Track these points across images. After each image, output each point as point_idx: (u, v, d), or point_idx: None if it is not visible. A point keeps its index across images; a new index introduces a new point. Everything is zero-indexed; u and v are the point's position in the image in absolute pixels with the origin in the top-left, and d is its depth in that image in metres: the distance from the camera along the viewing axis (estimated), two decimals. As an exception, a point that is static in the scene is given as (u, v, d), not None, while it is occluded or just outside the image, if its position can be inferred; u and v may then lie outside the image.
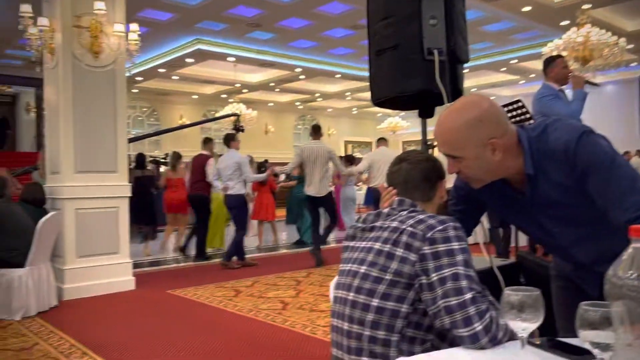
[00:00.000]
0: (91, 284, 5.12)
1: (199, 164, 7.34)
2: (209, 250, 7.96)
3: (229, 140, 6.97)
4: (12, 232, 4.35)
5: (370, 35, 2.84)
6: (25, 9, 5.12)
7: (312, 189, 6.59)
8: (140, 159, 8.36)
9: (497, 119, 1.38)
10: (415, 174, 1.56)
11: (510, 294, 1.04)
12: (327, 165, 6.63)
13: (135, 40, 5.43)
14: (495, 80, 16.33)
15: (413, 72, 2.57)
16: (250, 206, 8.57)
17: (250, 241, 8.70)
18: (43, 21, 5.02)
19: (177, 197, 8.02)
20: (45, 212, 4.85)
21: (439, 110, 2.81)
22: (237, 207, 6.70)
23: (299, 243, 8.92)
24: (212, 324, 4.05)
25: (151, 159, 12.23)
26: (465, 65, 2.84)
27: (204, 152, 7.51)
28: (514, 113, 3.47)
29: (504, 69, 14.81)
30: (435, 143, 1.47)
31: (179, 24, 11.09)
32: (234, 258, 6.72)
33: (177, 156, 8.30)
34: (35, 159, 8.92)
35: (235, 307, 4.54)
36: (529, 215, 1.48)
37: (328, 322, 3.91)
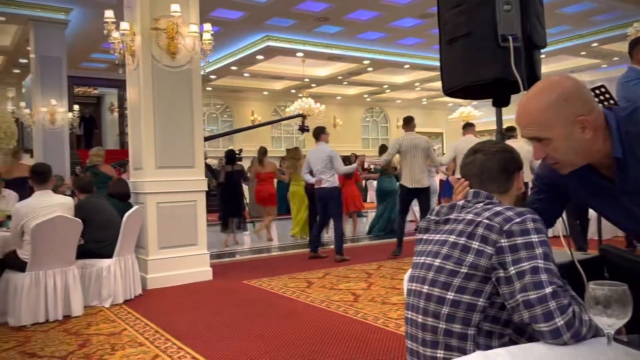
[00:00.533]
0: (171, 274, 5.38)
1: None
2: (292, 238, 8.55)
3: (319, 133, 6.89)
4: (100, 225, 4.66)
5: (441, 24, 2.78)
6: (109, 14, 5.43)
7: (410, 181, 6.52)
8: (230, 155, 8.67)
9: (583, 96, 1.31)
10: (491, 164, 1.52)
11: (595, 288, 1.00)
12: (425, 157, 6.55)
13: (209, 40, 5.62)
14: (575, 64, 15.47)
15: (487, 60, 2.51)
16: None
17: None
18: (124, 25, 5.30)
19: (267, 189, 8.65)
20: (130, 206, 5.16)
21: (515, 98, 2.73)
22: (332, 199, 6.65)
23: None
24: (286, 313, 4.15)
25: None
26: (542, 50, 2.73)
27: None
28: (597, 99, 3.28)
29: (584, 52, 13.99)
30: (518, 128, 1.42)
31: (249, 22, 11.35)
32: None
33: (263, 151, 8.84)
34: (120, 156, 9.52)
35: (307, 298, 4.62)
36: (617, 204, 1.40)
37: (400, 314, 3.90)
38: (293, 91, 18.57)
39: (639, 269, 2.28)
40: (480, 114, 18.31)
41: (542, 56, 2.85)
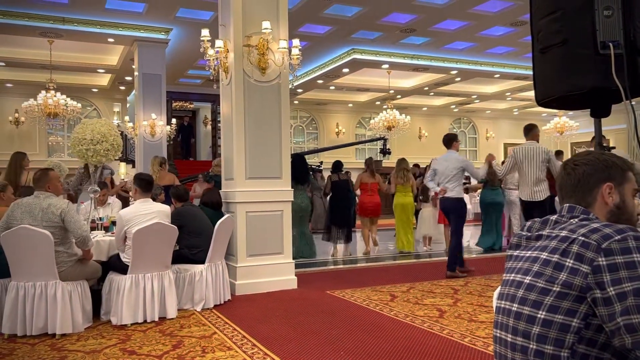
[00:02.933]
0: (258, 281, 5.55)
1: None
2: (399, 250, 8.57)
3: (452, 140, 6.54)
4: (194, 232, 4.92)
5: (534, 32, 2.69)
6: (205, 33, 5.76)
7: (525, 193, 6.17)
8: (337, 165, 8.76)
9: None
10: (569, 179, 1.47)
11: None
12: (543, 168, 6.08)
13: (297, 55, 5.79)
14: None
15: (584, 68, 2.39)
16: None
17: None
18: (219, 43, 5.60)
19: (372, 200, 8.57)
20: (222, 215, 5.40)
21: (615, 108, 2.57)
22: (455, 210, 6.35)
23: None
24: (368, 326, 4.14)
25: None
26: (648, 57, 2.55)
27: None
28: None
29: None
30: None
31: (336, 36, 11.55)
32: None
33: (372, 161, 8.83)
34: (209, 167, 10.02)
35: (391, 312, 4.58)
36: None
37: (488, 333, 3.76)
38: (378, 103, 18.57)
39: None
40: (577, 124, 17.31)
41: (648, 63, 2.66)
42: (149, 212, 4.47)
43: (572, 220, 1.38)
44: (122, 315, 4.27)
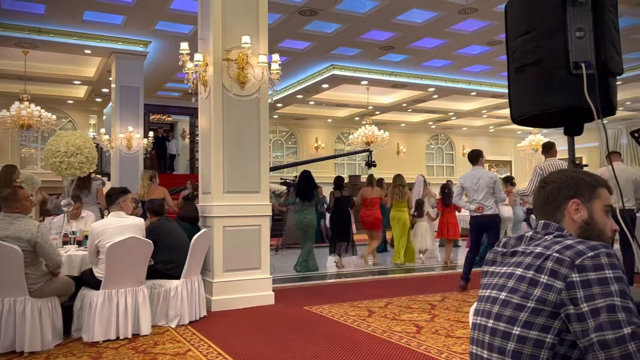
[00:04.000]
0: (235, 297, 5.48)
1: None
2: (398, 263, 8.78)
3: (478, 156, 6.46)
4: (170, 247, 4.85)
5: (510, 51, 2.74)
6: (184, 46, 5.74)
7: None
8: (339, 181, 8.97)
9: None
10: (539, 197, 1.50)
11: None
12: None
13: (277, 69, 5.80)
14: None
15: (558, 88, 2.44)
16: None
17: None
18: (198, 57, 5.58)
19: (373, 214, 8.83)
20: (199, 229, 5.34)
21: (588, 127, 2.63)
22: (493, 226, 6.26)
23: None
24: (346, 342, 4.11)
25: (282, 180, 12.91)
26: (619, 77, 2.62)
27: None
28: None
29: (668, 78, 13.23)
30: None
31: (316, 52, 11.62)
32: None
33: (373, 177, 9.17)
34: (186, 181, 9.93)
35: (368, 327, 4.56)
36: None
37: (465, 349, 3.77)
38: (357, 118, 18.70)
39: None
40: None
41: (619, 83, 2.74)
42: (121, 225, 4.39)
43: (546, 236, 1.40)
44: (93, 332, 4.16)
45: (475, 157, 6.47)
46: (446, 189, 9.50)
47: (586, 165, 6.44)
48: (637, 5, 8.53)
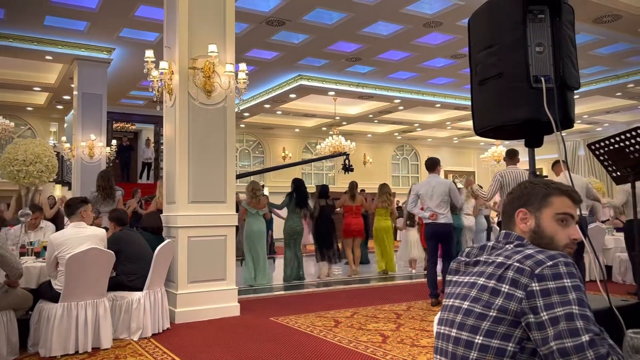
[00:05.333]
0: (199, 308, 5.39)
1: None
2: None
3: (435, 164, 6.46)
4: (133, 258, 4.74)
5: (473, 65, 2.81)
6: (149, 54, 5.66)
7: None
8: (323, 190, 9.10)
9: None
10: (504, 205, 1.56)
11: (634, 337, 0.97)
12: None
13: (244, 79, 5.78)
14: (610, 105, 15.25)
15: (519, 101, 2.51)
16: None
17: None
18: (163, 64, 5.51)
19: (357, 222, 8.97)
20: (162, 240, 5.23)
21: (547, 139, 2.71)
22: (448, 235, 6.21)
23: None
24: (312, 353, 4.09)
25: None
26: (577, 91, 2.71)
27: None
28: (632, 141, 3.22)
29: (619, 93, 13.79)
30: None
31: (283, 62, 11.64)
32: None
33: (356, 185, 9.32)
34: (153, 190, 9.75)
35: (335, 338, 4.55)
36: None
37: (430, 358, 3.80)
38: (324, 129, 18.78)
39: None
40: (513, 153, 18.08)
41: (576, 97, 2.84)
42: (82, 236, 4.26)
43: (507, 246, 1.42)
44: (51, 347, 4.02)
45: (432, 165, 6.46)
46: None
47: (546, 176, 6.63)
48: (593, 22, 8.87)
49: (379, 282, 8.19)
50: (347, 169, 12.49)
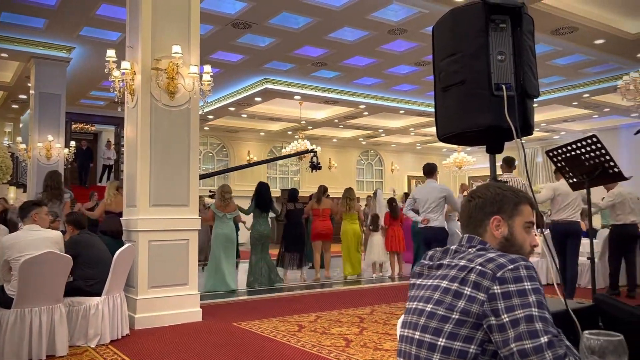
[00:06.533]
0: (160, 314, 5.28)
1: None
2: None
3: (433, 170, 6.59)
4: (91, 262, 4.60)
5: (436, 72, 2.85)
6: (110, 54, 5.53)
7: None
8: (293, 193, 9.19)
9: None
10: (468, 208, 1.55)
11: (590, 338, 0.99)
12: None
13: (208, 81, 5.71)
14: (567, 114, 15.77)
15: (481, 108, 2.55)
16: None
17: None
18: (125, 65, 5.39)
19: (324, 225, 8.99)
20: (122, 244, 5.11)
21: (508, 145, 2.77)
22: (439, 240, 6.27)
23: None
24: (275, 358, 4.06)
25: (210, 193, 12.57)
26: (535, 99, 2.79)
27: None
28: (587, 149, 3.33)
29: (576, 103, 14.28)
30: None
31: (249, 65, 11.57)
32: None
33: (324, 189, 9.40)
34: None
35: (298, 342, 4.53)
36: None
37: (393, 361, 3.82)
38: (289, 132, 18.75)
39: (634, 320, 2.27)
40: (474, 159, 18.51)
41: (535, 105, 2.92)
42: (35, 238, 4.12)
43: (470, 249, 1.44)
44: (2, 354, 3.86)
45: (430, 170, 6.60)
46: (394, 203, 9.81)
47: (507, 182, 6.86)
48: (551, 34, 9.17)
49: (342, 287, 8.21)
50: (315, 166, 12.44)
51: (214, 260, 7.76)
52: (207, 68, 5.79)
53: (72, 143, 11.80)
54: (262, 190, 8.54)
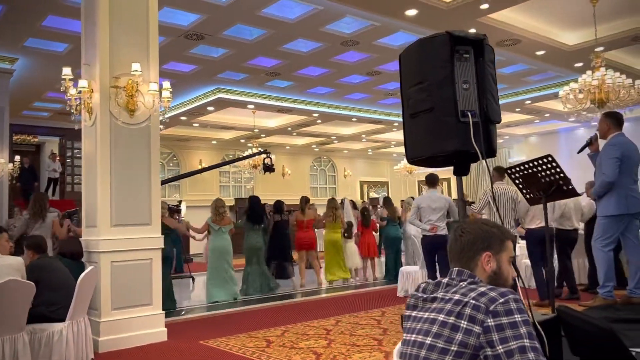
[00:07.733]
0: (125, 336, 5.19)
1: None
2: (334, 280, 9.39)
3: (436, 180, 6.79)
4: (53, 287, 4.45)
5: (404, 98, 2.99)
6: (66, 72, 5.38)
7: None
8: (278, 205, 9.49)
9: None
10: (460, 243, 1.68)
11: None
12: (512, 208, 6.42)
13: (168, 97, 5.67)
14: (511, 119, 16.51)
15: (449, 134, 2.71)
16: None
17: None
18: (83, 83, 5.27)
19: (308, 235, 9.21)
20: (82, 265, 4.98)
21: (474, 166, 2.94)
22: (444, 248, 6.25)
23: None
24: (248, 376, 4.09)
25: (177, 204, 12.45)
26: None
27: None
28: (543, 167, 3.56)
29: (519, 109, 14.99)
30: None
31: (201, 75, 11.49)
32: None
33: (306, 200, 9.53)
34: (60, 206, 9.18)
35: (269, 359, 4.57)
36: None
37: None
38: (242, 141, 18.68)
39: (593, 329, 2.48)
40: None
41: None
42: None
43: (461, 283, 1.56)
44: (-37, 390, 3.71)
45: (432, 181, 6.79)
46: (365, 212, 10.12)
47: (473, 202, 7.22)
48: (496, 45, 9.60)
49: (304, 297, 8.28)
50: (268, 168, 12.47)
51: (216, 271, 8.03)
52: (167, 84, 5.74)
53: (17, 157, 11.33)
54: (253, 203, 8.83)
